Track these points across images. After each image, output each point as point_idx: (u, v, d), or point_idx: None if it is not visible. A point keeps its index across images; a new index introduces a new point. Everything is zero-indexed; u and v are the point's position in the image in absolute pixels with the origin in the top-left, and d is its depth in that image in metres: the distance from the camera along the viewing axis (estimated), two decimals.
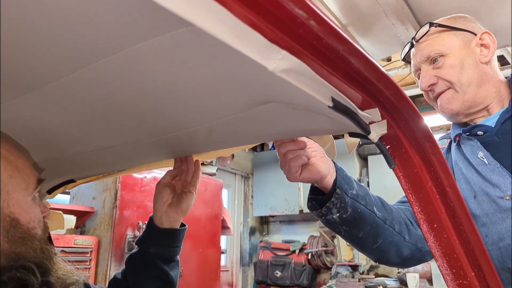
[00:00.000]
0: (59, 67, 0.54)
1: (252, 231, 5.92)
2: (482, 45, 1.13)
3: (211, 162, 4.50)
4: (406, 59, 1.27)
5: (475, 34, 1.14)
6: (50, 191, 1.07)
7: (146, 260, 0.97)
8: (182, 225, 1.07)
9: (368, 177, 4.82)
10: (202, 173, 4.30)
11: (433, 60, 1.14)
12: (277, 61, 0.42)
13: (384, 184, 4.48)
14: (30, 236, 0.69)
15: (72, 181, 1.08)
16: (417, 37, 1.18)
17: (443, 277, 0.60)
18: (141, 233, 1.04)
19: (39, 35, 0.46)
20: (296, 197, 5.42)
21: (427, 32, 1.16)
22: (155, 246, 0.98)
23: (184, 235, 1.05)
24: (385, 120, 0.57)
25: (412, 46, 1.21)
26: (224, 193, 5.55)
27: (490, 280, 0.60)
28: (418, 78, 1.20)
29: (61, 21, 0.43)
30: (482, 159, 1.12)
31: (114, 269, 3.20)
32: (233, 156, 4.96)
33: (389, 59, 3.78)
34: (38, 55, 0.51)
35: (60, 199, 3.46)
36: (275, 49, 0.41)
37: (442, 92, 1.14)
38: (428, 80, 1.14)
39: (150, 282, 0.96)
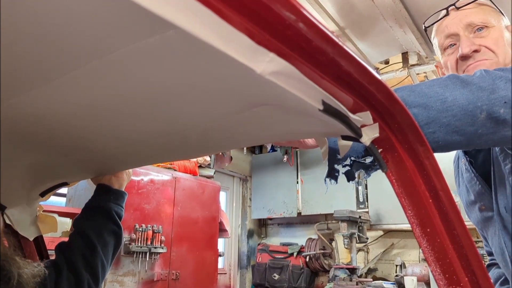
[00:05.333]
0: (48, 70, 0.53)
1: (250, 234, 5.91)
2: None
3: (209, 164, 4.49)
4: (428, 30, 1.21)
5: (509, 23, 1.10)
6: (43, 194, 1.06)
7: (105, 214, 1.07)
8: None
9: (366, 180, 4.82)
10: (200, 175, 4.30)
11: (476, 29, 1.07)
12: (265, 63, 0.41)
13: (382, 187, 4.48)
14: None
15: (65, 183, 1.08)
16: (461, 3, 1.12)
17: (436, 282, 0.59)
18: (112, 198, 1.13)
19: (26, 37, 0.45)
20: (295, 199, 5.42)
21: (475, 0, 1.10)
22: (112, 202, 1.09)
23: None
24: (377, 123, 0.57)
25: (446, 14, 1.13)
26: (222, 196, 5.54)
27: (484, 285, 0.60)
28: (448, 46, 1.12)
29: (49, 24, 0.43)
30: (464, 165, 1.12)
31: (110, 272, 3.18)
32: (231, 158, 4.95)
33: (387, 62, 3.78)
34: (25, 58, 0.50)
35: (56, 201, 3.45)
36: (263, 52, 0.41)
37: (482, 60, 1.06)
38: (472, 45, 1.06)
39: (108, 235, 1.05)
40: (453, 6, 1.12)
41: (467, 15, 1.09)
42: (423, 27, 1.24)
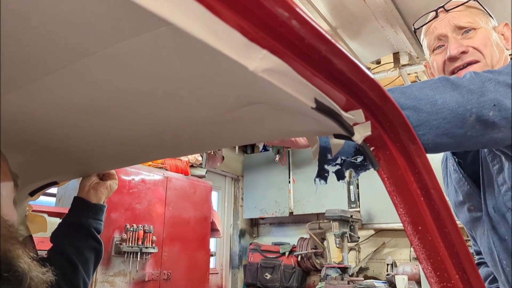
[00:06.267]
0: (35, 68, 0.53)
1: (242, 234, 5.90)
2: (502, 34, 1.11)
3: (201, 164, 4.48)
4: (417, 32, 1.22)
5: (496, 24, 1.12)
6: (33, 193, 1.05)
7: (85, 231, 1.05)
8: None
9: (357, 179, 4.84)
10: (192, 175, 4.28)
11: (464, 31, 1.09)
12: (258, 60, 0.41)
13: (373, 187, 4.50)
14: (15, 237, 0.74)
15: (55, 183, 1.07)
16: (450, 6, 1.13)
17: (427, 280, 0.59)
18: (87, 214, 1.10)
19: (13, 34, 0.44)
20: (286, 199, 5.42)
21: (465, 2, 1.12)
22: (91, 218, 1.06)
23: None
24: (369, 121, 0.57)
25: (436, 16, 1.15)
26: (214, 196, 5.53)
27: (474, 283, 0.60)
28: (437, 47, 1.14)
29: (36, 20, 0.42)
30: (452, 166, 1.12)
31: (101, 273, 3.16)
32: (223, 158, 4.95)
33: (378, 62, 3.80)
34: (14, 55, 0.49)
35: (46, 201, 3.42)
36: (256, 49, 0.40)
37: (470, 63, 1.07)
38: (460, 47, 1.07)
39: (89, 252, 1.04)
40: (442, 8, 1.13)
41: (455, 17, 1.10)
42: (413, 29, 1.26)
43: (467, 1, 1.12)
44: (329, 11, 2.90)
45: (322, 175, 0.81)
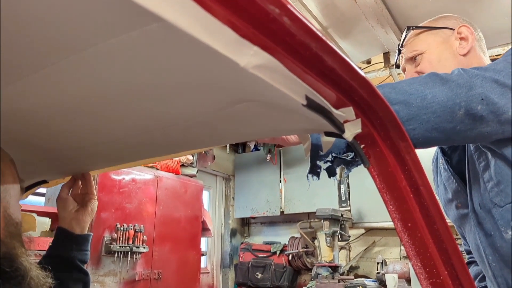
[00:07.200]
0: (23, 65, 0.52)
1: (233, 233, 5.90)
2: (461, 38, 1.13)
3: (192, 163, 4.47)
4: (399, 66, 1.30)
5: (453, 29, 1.15)
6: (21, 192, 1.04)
7: (69, 264, 1.02)
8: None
9: (348, 178, 4.86)
10: (183, 174, 4.27)
11: (414, 59, 1.17)
12: (249, 57, 0.41)
13: (364, 186, 4.53)
14: (20, 235, 0.75)
15: (44, 181, 1.06)
16: (401, 43, 1.23)
17: (417, 276, 0.60)
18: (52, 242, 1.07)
19: (3, 30, 0.44)
20: (277, 198, 5.43)
21: (406, 36, 1.21)
22: (75, 250, 1.04)
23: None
24: (359, 119, 0.57)
25: (399, 52, 1.24)
26: (205, 195, 5.52)
27: (463, 279, 0.61)
28: None
29: (24, 17, 0.42)
30: (442, 165, 1.14)
31: (91, 272, 3.14)
32: (214, 157, 4.94)
33: (369, 62, 3.82)
34: (2, 52, 0.49)
35: (35, 201, 3.38)
36: (247, 45, 0.41)
37: None
38: (411, 76, 1.13)
39: (74, 284, 1.02)
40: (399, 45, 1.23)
41: (405, 51, 1.20)
42: (393, 66, 1.35)
43: (406, 36, 1.21)
44: (320, 10, 2.91)
45: (314, 171, 0.82)
